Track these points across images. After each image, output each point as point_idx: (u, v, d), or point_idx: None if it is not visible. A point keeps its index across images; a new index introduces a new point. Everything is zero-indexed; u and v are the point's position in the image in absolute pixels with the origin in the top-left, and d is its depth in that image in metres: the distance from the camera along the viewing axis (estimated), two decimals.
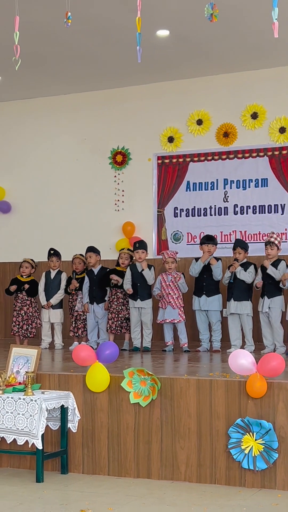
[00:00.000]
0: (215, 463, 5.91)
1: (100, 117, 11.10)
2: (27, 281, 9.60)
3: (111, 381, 6.30)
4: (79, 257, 9.59)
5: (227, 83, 10.35)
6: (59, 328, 9.48)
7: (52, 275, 9.52)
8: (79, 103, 11.24)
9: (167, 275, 8.94)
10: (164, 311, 8.87)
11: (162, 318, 8.89)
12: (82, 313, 9.35)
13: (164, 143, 10.69)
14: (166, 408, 6.10)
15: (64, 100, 11.33)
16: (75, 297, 9.43)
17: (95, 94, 11.13)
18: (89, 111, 11.17)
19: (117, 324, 9.11)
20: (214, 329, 8.85)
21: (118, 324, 9.11)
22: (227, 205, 10.35)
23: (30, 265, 9.67)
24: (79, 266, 9.54)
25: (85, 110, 11.19)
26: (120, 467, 6.24)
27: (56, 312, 9.44)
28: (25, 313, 9.52)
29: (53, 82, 10.77)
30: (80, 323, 9.39)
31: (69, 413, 6.30)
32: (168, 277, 8.92)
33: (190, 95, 10.54)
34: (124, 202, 10.91)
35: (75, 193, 11.17)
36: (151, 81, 10.66)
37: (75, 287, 9.37)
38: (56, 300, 9.41)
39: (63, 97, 11.33)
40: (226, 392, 5.92)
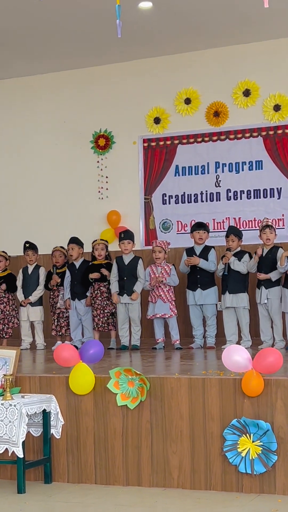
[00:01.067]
0: (210, 468, 5.92)
1: (81, 97, 11.07)
2: (3, 276, 9.57)
3: (96, 382, 6.30)
4: (59, 249, 9.58)
5: (216, 58, 10.34)
6: (39, 327, 9.47)
7: (30, 270, 9.50)
8: (57, 83, 11.20)
9: (156, 267, 8.94)
10: (154, 306, 8.87)
11: (152, 313, 8.90)
12: (65, 310, 9.35)
13: (150, 125, 10.68)
14: (156, 410, 6.10)
15: (41, 80, 11.29)
16: (57, 293, 9.42)
17: (74, 73, 11.10)
18: (69, 92, 11.14)
19: (103, 321, 9.11)
20: (209, 324, 8.87)
21: (105, 321, 9.12)
22: (219, 190, 10.36)
23: (3, 258, 9.64)
24: (60, 259, 9.53)
25: (64, 90, 11.16)
26: (108, 475, 6.25)
27: (36, 310, 9.43)
28: (2, 311, 9.50)
29: (28, 61, 10.72)
30: (63, 321, 9.39)
31: (52, 418, 6.29)
32: (158, 269, 8.92)
33: (177, 72, 10.53)
34: (108, 190, 10.90)
35: (55, 180, 11.14)
36: (134, 57, 10.63)
37: (57, 282, 9.36)
38: (35, 297, 9.40)
39: (39, 77, 11.29)
40: (220, 391, 5.93)
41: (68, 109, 11.13)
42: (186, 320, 9.23)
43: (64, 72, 11.14)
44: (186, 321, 9.24)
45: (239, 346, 6.01)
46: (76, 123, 11.08)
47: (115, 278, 8.96)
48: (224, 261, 8.56)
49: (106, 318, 9.13)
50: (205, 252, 8.86)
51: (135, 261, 8.97)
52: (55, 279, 9.37)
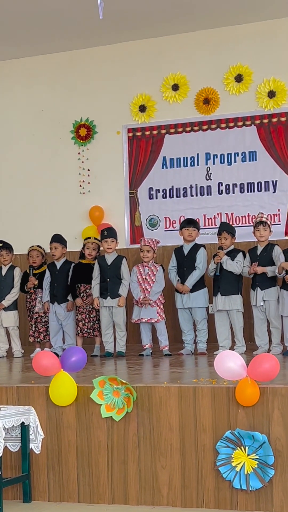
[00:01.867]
0: (202, 484, 5.94)
1: (60, 84, 11.07)
2: None
3: (78, 392, 6.30)
4: (36, 248, 9.55)
5: (206, 41, 10.37)
6: (15, 333, 9.44)
7: (3, 271, 9.47)
8: (34, 68, 11.20)
9: (143, 267, 8.95)
10: (140, 309, 8.88)
11: (138, 317, 8.90)
12: (43, 315, 9.33)
13: (135, 113, 10.69)
14: (144, 421, 6.11)
15: (16, 65, 11.29)
16: (34, 296, 9.40)
17: (52, 57, 11.10)
18: (46, 78, 11.13)
19: (89, 326, 9.11)
20: (199, 329, 8.89)
21: (90, 326, 9.11)
22: (210, 184, 10.38)
23: None
24: (37, 259, 9.51)
25: (42, 76, 11.15)
26: (92, 493, 6.25)
27: (9, 315, 9.40)
28: None
29: (2, 44, 10.70)
30: (41, 326, 9.37)
31: (31, 432, 6.28)
32: (145, 269, 8.93)
33: (163, 56, 10.55)
34: (90, 184, 10.90)
35: (32, 174, 11.13)
36: (118, 40, 10.64)
37: (34, 284, 9.34)
38: (9, 302, 9.37)
39: (14, 61, 11.28)
40: (213, 400, 5.95)
41: (46, 97, 11.12)
42: (175, 325, 9.25)
43: (41, 57, 11.13)
44: (175, 325, 9.25)
45: (233, 352, 6.02)
46: (54, 112, 11.08)
47: (96, 281, 8.94)
48: (216, 261, 8.57)
49: (92, 323, 9.13)
50: (194, 251, 8.86)
51: (119, 261, 8.96)
52: (32, 281, 9.34)
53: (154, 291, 8.80)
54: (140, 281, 8.88)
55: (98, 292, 8.91)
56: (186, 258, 8.87)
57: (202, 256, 8.83)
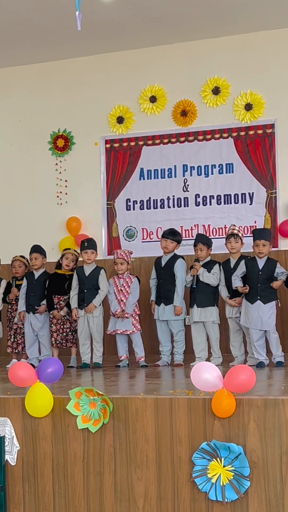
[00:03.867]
0: (178, 495, 5.93)
1: (37, 95, 11.06)
2: None
3: (54, 403, 6.28)
4: (19, 259, 9.53)
5: (184, 53, 10.42)
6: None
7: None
8: (12, 78, 11.19)
9: (119, 279, 8.95)
10: (115, 321, 8.88)
11: (113, 328, 8.90)
12: (22, 326, 9.30)
13: (113, 125, 10.71)
14: (120, 433, 6.10)
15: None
16: (15, 307, 9.37)
17: (30, 68, 11.09)
18: (24, 88, 11.13)
19: (62, 337, 9.09)
20: (176, 340, 8.89)
21: (63, 337, 9.10)
22: (187, 195, 10.42)
23: None
24: (20, 269, 9.49)
25: (19, 86, 11.15)
26: (67, 504, 6.22)
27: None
28: None
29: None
30: (20, 338, 9.35)
31: (6, 443, 6.26)
32: (120, 281, 8.93)
33: (141, 68, 10.59)
34: (67, 194, 10.89)
35: (10, 184, 11.11)
36: (96, 52, 10.67)
37: (15, 296, 9.30)
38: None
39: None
40: (189, 412, 5.95)
41: (24, 107, 11.12)
42: (152, 336, 9.25)
43: (19, 67, 11.13)
44: (152, 336, 9.26)
45: (209, 363, 6.02)
46: (32, 122, 11.07)
47: (74, 291, 8.94)
48: (192, 273, 8.60)
49: (65, 334, 9.11)
50: (172, 263, 8.87)
51: (97, 272, 8.96)
52: (14, 292, 9.32)
53: (129, 303, 8.81)
54: (115, 293, 8.88)
55: (77, 302, 8.90)
56: (163, 269, 8.88)
57: (180, 268, 8.83)
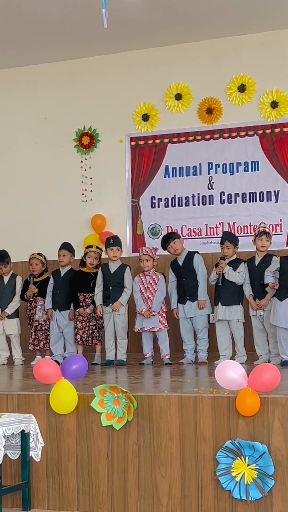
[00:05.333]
0: (202, 494, 5.93)
1: (63, 92, 11.09)
2: None
3: (79, 400, 6.30)
4: (36, 257, 9.54)
5: (210, 51, 10.39)
6: (16, 340, 9.45)
7: (5, 279, 9.48)
8: (38, 76, 11.22)
9: (145, 276, 8.95)
10: (142, 318, 8.88)
11: (140, 326, 8.90)
12: (43, 323, 9.33)
13: (138, 122, 10.71)
14: (144, 430, 6.11)
15: (20, 73, 11.31)
16: (34, 304, 9.39)
17: (56, 66, 11.12)
18: (50, 86, 11.16)
19: (88, 334, 9.11)
20: (199, 338, 8.88)
21: (89, 334, 9.11)
22: (212, 193, 10.39)
23: None
24: (37, 267, 9.50)
25: (45, 84, 11.18)
26: (91, 501, 6.24)
27: (12, 322, 9.42)
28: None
29: (6, 52, 10.74)
30: (41, 334, 9.37)
31: (31, 440, 6.27)
32: (147, 278, 8.93)
33: (167, 65, 10.58)
34: (92, 192, 10.91)
35: (35, 182, 11.14)
36: (122, 49, 10.67)
37: (33, 293, 9.33)
38: (12, 309, 9.39)
39: (18, 69, 11.31)
40: (213, 410, 5.94)
41: (49, 105, 11.14)
42: (176, 334, 9.24)
43: (45, 65, 11.16)
44: (176, 334, 9.24)
45: (233, 362, 6.01)
46: (58, 120, 11.10)
47: (99, 288, 8.96)
48: (217, 271, 8.57)
49: (91, 332, 9.13)
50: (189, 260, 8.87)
51: (122, 269, 8.98)
52: (31, 289, 9.34)
53: (157, 301, 8.80)
54: (142, 291, 8.88)
55: (101, 299, 8.92)
56: (182, 268, 8.87)
57: (199, 263, 8.83)
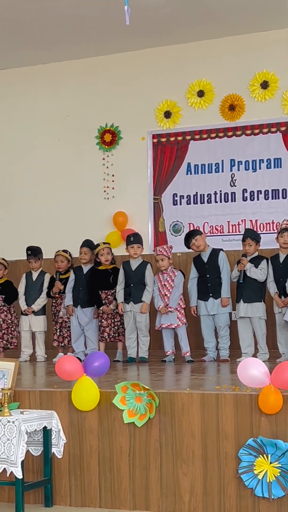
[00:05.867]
0: (224, 491, 5.92)
1: (85, 89, 11.10)
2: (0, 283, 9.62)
3: (101, 397, 6.31)
4: (62, 254, 9.57)
5: (232, 47, 10.36)
6: (41, 337, 9.49)
7: (34, 276, 9.53)
8: (60, 73, 11.24)
9: (162, 274, 8.96)
10: (161, 316, 8.88)
11: (159, 323, 8.90)
12: (67, 320, 9.36)
13: (160, 119, 10.70)
14: (166, 428, 6.11)
15: (42, 71, 11.34)
16: (60, 301, 9.43)
17: (78, 63, 11.14)
18: (72, 83, 11.18)
19: (114, 330, 9.12)
20: (221, 335, 8.87)
21: (115, 330, 9.12)
22: (235, 190, 10.37)
23: (3, 266, 9.65)
24: (62, 264, 9.53)
25: (67, 82, 11.20)
26: (113, 498, 6.25)
27: (39, 319, 9.46)
28: (3, 321, 9.53)
29: (29, 49, 10.76)
30: (65, 331, 9.40)
31: (53, 436, 6.29)
32: (164, 276, 8.93)
33: (189, 62, 10.56)
34: (114, 189, 10.92)
35: (57, 179, 11.17)
36: (144, 46, 10.66)
37: (59, 290, 9.36)
38: (38, 306, 9.43)
39: (41, 67, 11.34)
40: (235, 408, 5.93)
41: (72, 102, 11.16)
42: (197, 331, 9.22)
43: (67, 62, 11.18)
44: (197, 332, 9.23)
45: (256, 359, 6.00)
46: (80, 117, 11.11)
47: (121, 286, 8.97)
48: (239, 268, 8.55)
49: (116, 328, 9.14)
50: (214, 257, 8.86)
51: (143, 266, 8.98)
52: (57, 286, 9.37)
53: (174, 297, 8.80)
54: (159, 288, 8.88)
55: (123, 297, 8.92)
56: (207, 265, 8.86)
57: (224, 261, 8.81)
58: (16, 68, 11.41)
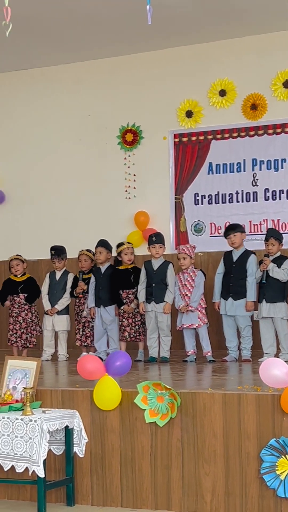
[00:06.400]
0: (246, 491, 5.91)
1: (107, 89, 11.12)
2: (22, 280, 9.64)
3: (122, 397, 6.31)
4: (85, 253, 9.58)
5: (253, 46, 10.34)
6: (64, 336, 9.51)
7: (58, 276, 9.55)
8: (82, 73, 11.27)
9: (183, 274, 8.95)
10: (182, 315, 8.87)
11: (180, 323, 8.89)
12: (91, 320, 9.37)
13: (182, 119, 10.70)
14: (188, 427, 6.10)
15: (64, 71, 11.38)
16: (83, 301, 9.43)
17: (100, 63, 11.15)
18: (94, 83, 11.20)
19: (135, 330, 9.12)
20: (243, 335, 8.85)
21: (136, 330, 9.13)
22: (257, 190, 10.34)
23: (20, 261, 9.69)
24: (86, 264, 9.54)
25: (89, 81, 11.22)
26: (135, 498, 6.25)
27: (62, 319, 9.49)
28: (24, 319, 9.57)
29: (51, 49, 10.80)
30: (88, 331, 9.40)
31: (75, 435, 6.31)
32: (184, 276, 8.92)
33: (210, 61, 10.55)
34: (136, 189, 10.93)
35: (79, 179, 11.20)
36: (165, 46, 10.66)
37: (82, 289, 9.37)
38: (62, 306, 9.46)
39: (63, 67, 11.37)
40: (258, 408, 5.91)
41: (93, 102, 11.19)
42: (219, 331, 9.21)
43: (89, 62, 11.20)
44: (219, 331, 9.22)
45: (278, 359, 5.99)
46: (101, 117, 11.13)
47: (142, 285, 8.97)
48: (262, 268, 8.52)
49: (137, 327, 9.15)
50: (244, 258, 8.83)
51: (165, 266, 8.98)
52: (80, 286, 9.38)
53: (194, 297, 8.78)
54: (180, 288, 8.87)
55: (144, 297, 8.92)
56: (235, 264, 8.83)
57: (253, 264, 8.76)
58: (39, 68, 11.46)
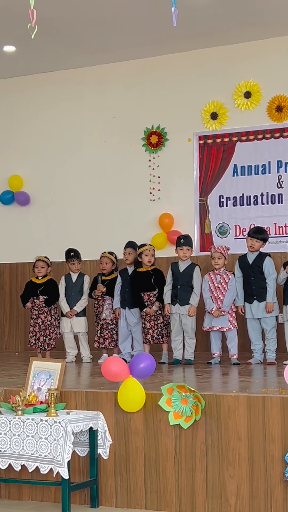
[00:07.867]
0: (271, 494, 5.88)
1: (131, 91, 11.13)
2: (43, 282, 9.67)
3: (147, 399, 6.31)
4: (107, 255, 9.58)
5: (279, 48, 10.31)
6: (84, 338, 9.53)
7: (74, 278, 9.56)
8: (107, 75, 11.29)
9: (215, 275, 8.90)
10: (211, 317, 8.85)
11: (209, 325, 8.87)
12: (110, 322, 9.38)
13: (207, 121, 10.69)
14: (212, 430, 6.09)
15: (89, 73, 11.41)
16: (102, 303, 9.44)
17: (125, 65, 11.18)
18: (119, 85, 11.22)
19: (157, 332, 9.12)
20: (268, 338, 8.82)
21: (159, 332, 9.13)
22: (282, 192, 10.31)
23: (45, 264, 9.73)
24: (107, 266, 9.55)
25: (114, 83, 11.24)
26: (159, 500, 6.25)
27: (80, 321, 9.50)
28: (42, 322, 9.60)
29: (76, 52, 10.83)
30: (107, 333, 9.41)
31: (99, 437, 6.32)
32: (217, 277, 8.88)
33: (235, 63, 10.53)
34: (160, 191, 10.93)
35: (103, 180, 11.22)
36: (190, 48, 10.66)
37: (102, 292, 9.38)
38: (80, 307, 9.48)
39: (87, 69, 11.41)
40: (282, 411, 5.89)
41: (118, 104, 11.21)
42: (243, 333, 9.19)
43: (114, 64, 11.22)
44: (243, 334, 9.20)
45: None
46: (126, 119, 11.15)
47: (168, 287, 8.96)
48: (287, 271, 8.49)
49: (160, 329, 9.15)
50: (259, 261, 8.79)
51: (191, 268, 8.96)
52: (100, 289, 9.39)
53: (227, 301, 8.74)
54: (212, 290, 8.84)
55: (170, 298, 8.92)
56: (251, 267, 8.79)
57: (270, 266, 8.73)
58: (64, 70, 11.50)
